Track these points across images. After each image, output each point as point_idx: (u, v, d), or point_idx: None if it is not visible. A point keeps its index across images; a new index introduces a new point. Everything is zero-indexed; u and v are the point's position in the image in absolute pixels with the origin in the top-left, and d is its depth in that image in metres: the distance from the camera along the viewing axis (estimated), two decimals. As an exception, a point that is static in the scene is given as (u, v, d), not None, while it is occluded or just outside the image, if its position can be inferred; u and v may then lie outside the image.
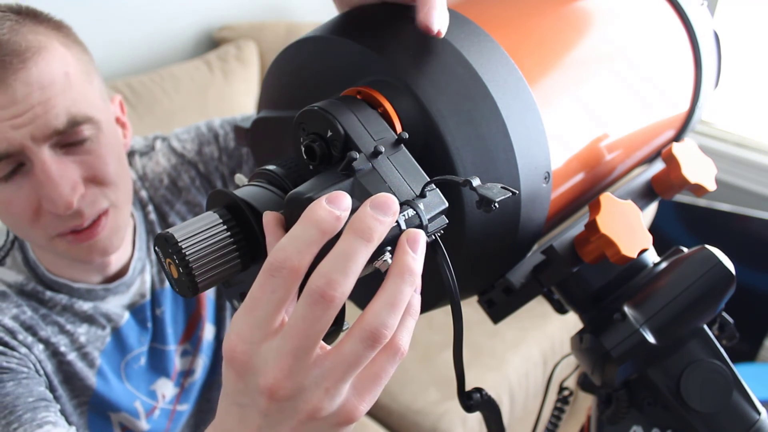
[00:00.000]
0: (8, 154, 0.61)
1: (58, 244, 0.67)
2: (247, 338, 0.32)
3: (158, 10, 1.68)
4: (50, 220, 0.65)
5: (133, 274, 0.79)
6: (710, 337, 0.49)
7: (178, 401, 0.87)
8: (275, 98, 0.47)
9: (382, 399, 1.38)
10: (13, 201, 0.63)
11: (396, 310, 0.32)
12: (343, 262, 0.30)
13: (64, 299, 0.74)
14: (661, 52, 0.53)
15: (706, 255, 0.48)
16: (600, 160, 0.48)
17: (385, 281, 0.33)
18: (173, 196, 0.85)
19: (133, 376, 0.80)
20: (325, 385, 0.32)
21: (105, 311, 0.77)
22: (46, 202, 0.63)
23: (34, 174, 0.62)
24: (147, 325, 0.81)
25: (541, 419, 1.12)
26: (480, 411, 0.44)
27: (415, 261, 0.33)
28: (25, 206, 0.64)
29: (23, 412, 0.62)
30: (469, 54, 0.40)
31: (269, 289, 0.31)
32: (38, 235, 0.66)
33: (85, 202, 0.65)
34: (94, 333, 0.76)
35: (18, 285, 0.72)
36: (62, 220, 0.65)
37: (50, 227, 0.65)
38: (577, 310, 0.52)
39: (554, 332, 1.55)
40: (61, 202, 0.62)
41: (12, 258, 0.74)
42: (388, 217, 0.31)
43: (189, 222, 0.36)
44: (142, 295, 0.81)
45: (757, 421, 0.47)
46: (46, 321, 0.72)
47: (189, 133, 0.88)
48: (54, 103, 0.61)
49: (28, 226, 0.65)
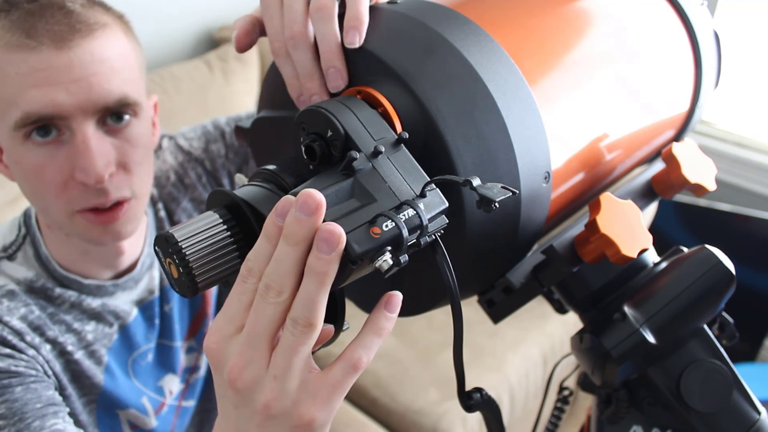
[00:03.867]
0: (53, 117, 0.62)
1: (77, 221, 0.67)
2: (219, 333, 0.36)
3: (158, 10, 1.68)
4: (77, 193, 0.65)
5: (141, 269, 0.79)
6: (710, 337, 0.49)
7: (183, 397, 0.87)
8: (275, 98, 0.48)
9: (382, 399, 1.39)
10: (46, 167, 0.64)
11: (370, 352, 0.37)
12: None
13: (73, 296, 0.74)
14: (661, 52, 0.53)
15: (706, 255, 0.48)
16: (600, 160, 0.48)
17: (362, 330, 0.37)
18: (180, 193, 0.86)
19: (140, 373, 0.81)
20: (273, 373, 0.35)
21: (113, 308, 0.77)
22: (80, 171, 0.64)
23: (74, 144, 0.64)
24: (154, 322, 0.82)
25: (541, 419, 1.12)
26: (480, 411, 0.44)
27: (389, 321, 0.38)
28: (56, 173, 0.64)
29: (32, 420, 0.62)
30: (469, 54, 0.40)
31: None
32: (60, 208, 0.66)
33: (112, 184, 0.66)
34: (102, 330, 0.76)
35: (27, 282, 0.72)
36: (88, 195, 0.65)
37: (74, 201, 0.66)
38: (577, 310, 0.52)
39: (554, 332, 1.55)
40: (93, 173, 0.63)
41: (23, 253, 0.74)
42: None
43: (189, 222, 0.36)
44: (150, 291, 0.81)
45: (757, 421, 0.47)
46: (54, 320, 0.72)
47: (195, 131, 0.89)
48: (109, 79, 0.64)
49: (53, 196, 0.66)
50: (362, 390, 1.41)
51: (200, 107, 1.59)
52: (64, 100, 0.62)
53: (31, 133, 0.63)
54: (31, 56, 0.61)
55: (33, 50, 0.61)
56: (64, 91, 0.62)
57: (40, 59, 0.61)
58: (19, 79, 0.61)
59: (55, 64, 0.61)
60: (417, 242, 0.35)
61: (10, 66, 0.62)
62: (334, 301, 0.39)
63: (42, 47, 0.61)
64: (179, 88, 1.57)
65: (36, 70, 0.61)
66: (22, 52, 0.61)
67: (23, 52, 0.61)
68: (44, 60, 0.61)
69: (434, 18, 0.42)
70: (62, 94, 0.61)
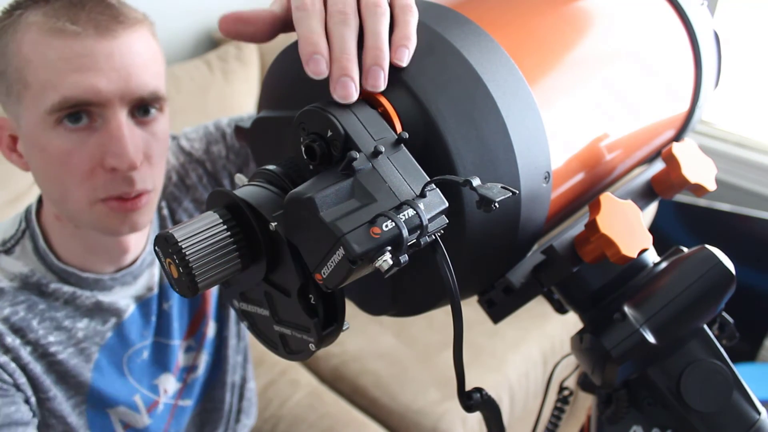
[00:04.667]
0: (89, 103, 0.63)
1: (98, 209, 0.68)
2: None
3: (158, 10, 1.67)
4: (104, 180, 0.66)
5: (141, 265, 0.79)
6: (710, 337, 0.49)
7: (180, 396, 0.87)
8: (275, 98, 0.47)
9: (382, 399, 1.38)
10: (74, 152, 0.65)
11: None
12: None
13: (68, 292, 0.74)
14: (661, 51, 0.53)
15: (706, 255, 0.48)
16: (600, 160, 0.48)
17: None
18: (181, 194, 0.86)
19: (135, 370, 0.81)
20: None
21: (109, 303, 0.76)
22: (113, 157, 0.65)
23: (107, 130, 0.65)
24: (151, 319, 0.82)
25: (541, 419, 1.12)
26: (480, 411, 0.44)
27: None
28: (84, 160, 0.65)
29: None
30: (469, 54, 0.40)
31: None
32: (82, 196, 0.67)
33: (138, 175, 0.67)
34: (94, 328, 0.76)
35: (22, 276, 0.72)
36: (115, 183, 0.66)
37: (99, 189, 0.66)
38: (577, 310, 0.52)
39: (554, 332, 1.55)
40: (127, 159, 0.64)
41: (21, 246, 0.74)
42: None
43: (189, 222, 0.36)
44: (149, 288, 0.81)
45: (757, 421, 0.47)
46: (43, 317, 0.72)
47: (197, 132, 0.89)
48: (145, 72, 0.66)
49: (77, 183, 0.66)
50: (362, 390, 1.41)
51: (200, 107, 1.60)
52: (103, 87, 0.63)
53: (62, 119, 0.64)
54: (75, 42, 0.62)
55: (77, 36, 0.62)
56: (104, 78, 0.63)
57: (84, 45, 0.62)
58: (61, 63, 0.62)
59: (98, 52, 0.63)
60: (417, 242, 0.34)
61: (52, 51, 0.62)
62: (334, 301, 0.39)
63: (86, 33, 0.62)
64: (179, 88, 1.57)
65: (79, 56, 0.62)
66: (66, 38, 0.62)
67: (67, 38, 0.62)
68: (87, 46, 0.62)
69: (434, 18, 0.42)
70: (103, 80, 0.63)
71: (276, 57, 0.47)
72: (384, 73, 0.38)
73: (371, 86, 0.38)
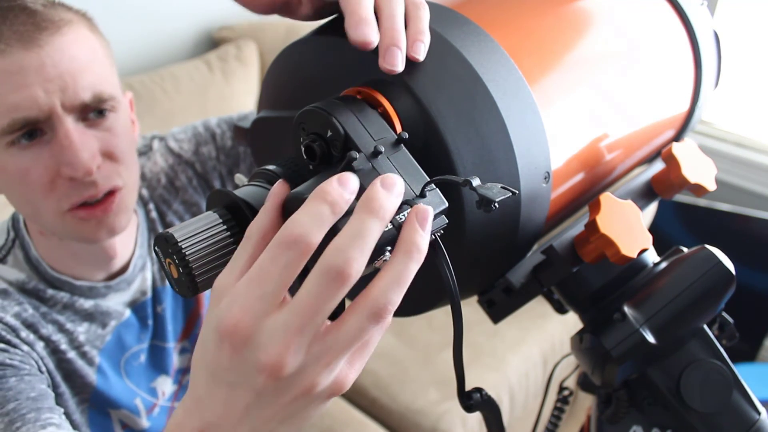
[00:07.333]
0: (36, 120, 0.62)
1: (68, 220, 0.67)
2: (253, 312, 0.31)
3: (158, 10, 1.68)
4: (66, 189, 0.65)
5: (133, 271, 0.79)
6: (710, 337, 0.49)
7: (176, 398, 0.87)
8: (275, 98, 0.47)
9: (382, 399, 1.38)
10: (31, 169, 0.64)
11: (402, 288, 0.32)
12: (359, 239, 0.30)
13: (65, 297, 0.74)
14: (661, 52, 0.53)
15: (706, 255, 0.48)
16: (600, 160, 0.48)
17: (393, 257, 0.32)
18: (171, 196, 0.85)
19: (133, 373, 0.80)
20: (325, 360, 0.32)
21: (106, 309, 0.76)
22: (66, 167, 0.63)
23: (56, 141, 0.63)
24: (147, 323, 0.81)
25: (541, 419, 1.12)
26: (480, 411, 0.44)
27: (422, 239, 0.32)
28: (42, 174, 0.64)
29: (27, 411, 0.62)
30: (469, 54, 0.40)
31: (282, 262, 0.30)
32: (50, 208, 0.66)
33: (101, 175, 0.66)
34: (94, 332, 0.76)
35: (19, 283, 0.72)
36: (77, 189, 0.65)
37: (64, 198, 0.65)
38: (577, 310, 0.52)
39: (554, 332, 1.55)
40: (81, 166, 0.63)
41: (13, 256, 0.74)
42: (397, 197, 0.32)
43: (189, 222, 0.36)
44: (143, 292, 0.81)
45: (757, 421, 0.47)
46: (47, 319, 0.72)
47: (186, 132, 0.88)
48: (83, 76, 0.64)
49: (41, 197, 0.65)
50: (362, 390, 1.41)
51: (200, 107, 1.59)
52: (42, 100, 0.61)
53: (15, 140, 0.63)
54: (3, 60, 0.60)
55: (3, 54, 0.60)
56: (40, 90, 0.61)
57: (13, 62, 0.60)
58: None
59: (27, 66, 0.61)
60: (417, 242, 0.34)
61: None
62: None
63: (11, 49, 0.60)
64: (179, 88, 1.57)
65: (11, 74, 0.61)
66: None
67: None
68: (16, 62, 0.60)
69: (434, 18, 0.42)
70: (40, 94, 0.61)
71: (276, 57, 0.47)
72: (402, 54, 0.38)
73: (388, 65, 0.37)
